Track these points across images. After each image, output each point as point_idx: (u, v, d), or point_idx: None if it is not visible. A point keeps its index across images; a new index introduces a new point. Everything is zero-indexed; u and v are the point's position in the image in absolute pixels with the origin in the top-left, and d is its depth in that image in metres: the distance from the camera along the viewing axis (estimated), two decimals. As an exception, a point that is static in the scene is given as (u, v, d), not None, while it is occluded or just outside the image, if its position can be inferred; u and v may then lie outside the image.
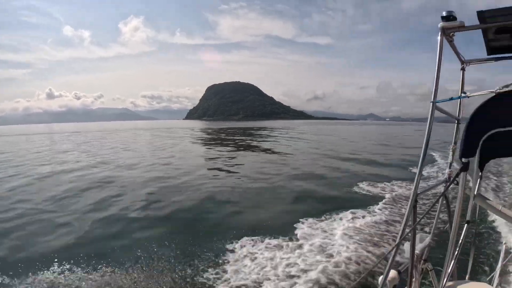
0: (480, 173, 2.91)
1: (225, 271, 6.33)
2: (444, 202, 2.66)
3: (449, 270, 2.69)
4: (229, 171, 18.72)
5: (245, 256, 6.94)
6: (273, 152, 29.04)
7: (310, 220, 9.18)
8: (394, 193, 12.19)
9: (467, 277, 3.12)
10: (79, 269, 6.58)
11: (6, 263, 6.89)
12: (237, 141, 43.21)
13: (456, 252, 2.77)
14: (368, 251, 6.96)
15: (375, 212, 9.87)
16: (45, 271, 6.52)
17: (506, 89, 1.59)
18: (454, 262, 2.75)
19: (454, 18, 2.08)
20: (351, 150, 30.73)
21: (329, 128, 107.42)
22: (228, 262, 6.73)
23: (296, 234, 8.14)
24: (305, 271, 6.19)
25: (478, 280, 2.72)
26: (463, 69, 2.95)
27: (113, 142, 42.99)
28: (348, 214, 9.60)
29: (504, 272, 4.84)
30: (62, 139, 52.68)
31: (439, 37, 2.14)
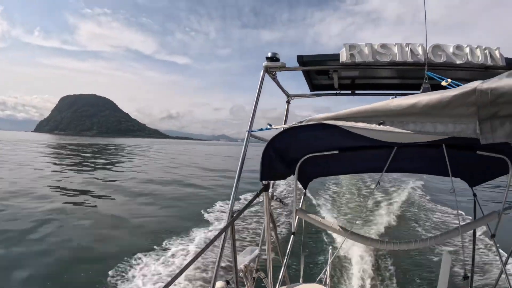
0: (304, 191, 3.40)
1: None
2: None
3: (280, 276, 2.95)
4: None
5: None
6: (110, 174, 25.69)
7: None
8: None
9: (300, 280, 3.56)
10: None
11: None
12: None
13: (285, 260, 3.07)
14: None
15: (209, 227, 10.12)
16: None
17: (300, 124, 1.72)
18: (284, 269, 3.02)
19: (277, 59, 2.39)
20: (194, 169, 31.50)
21: (188, 147, 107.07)
22: None
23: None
24: None
25: (311, 282, 3.12)
26: (288, 102, 3.47)
27: None
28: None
29: (332, 272, 5.95)
30: None
31: (261, 73, 2.39)
